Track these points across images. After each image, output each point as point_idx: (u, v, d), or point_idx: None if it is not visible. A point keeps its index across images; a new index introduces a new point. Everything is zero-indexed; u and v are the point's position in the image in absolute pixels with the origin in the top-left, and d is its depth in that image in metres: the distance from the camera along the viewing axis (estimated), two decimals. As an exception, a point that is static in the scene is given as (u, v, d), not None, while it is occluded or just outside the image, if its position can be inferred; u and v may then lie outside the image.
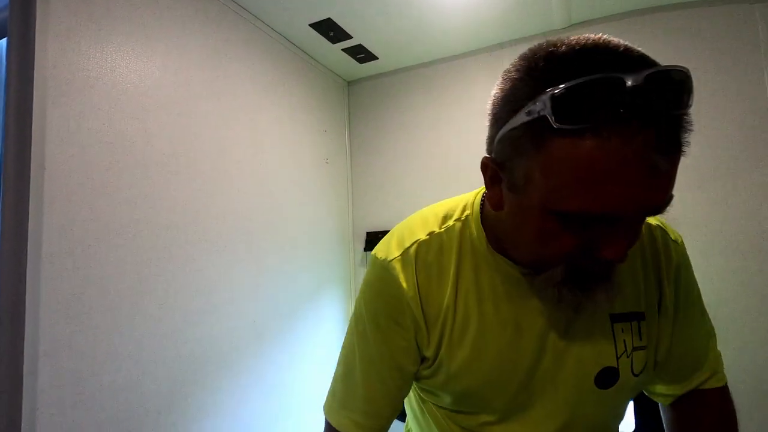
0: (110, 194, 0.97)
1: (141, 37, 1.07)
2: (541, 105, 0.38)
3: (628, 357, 0.56)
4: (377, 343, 0.60)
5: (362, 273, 1.95)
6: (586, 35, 0.41)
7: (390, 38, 1.66)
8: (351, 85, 2.06)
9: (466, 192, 0.65)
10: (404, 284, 0.57)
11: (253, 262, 1.39)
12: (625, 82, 0.35)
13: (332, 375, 0.67)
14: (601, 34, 0.41)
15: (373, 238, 1.91)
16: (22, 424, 0.78)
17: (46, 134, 0.85)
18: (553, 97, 0.37)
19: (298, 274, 1.61)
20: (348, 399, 0.62)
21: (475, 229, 0.58)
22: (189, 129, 1.19)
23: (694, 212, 1.39)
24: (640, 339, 0.57)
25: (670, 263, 0.59)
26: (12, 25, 0.83)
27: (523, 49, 0.46)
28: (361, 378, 0.61)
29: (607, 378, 0.56)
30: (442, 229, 0.60)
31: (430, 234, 0.60)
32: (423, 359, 0.61)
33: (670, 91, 0.37)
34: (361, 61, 1.83)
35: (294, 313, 1.57)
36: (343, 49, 1.73)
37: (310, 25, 1.53)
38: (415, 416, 0.74)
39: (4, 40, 0.87)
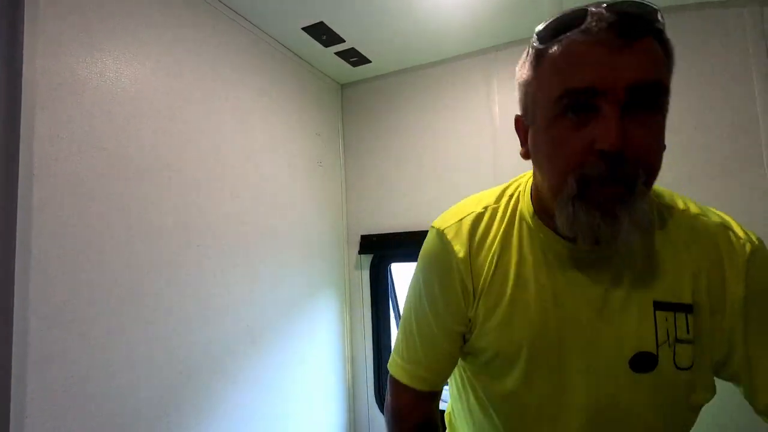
0: (101, 199, 0.96)
1: (132, 42, 1.07)
2: (533, 39, 0.53)
3: (670, 347, 0.54)
4: (432, 311, 0.67)
5: (357, 276, 1.95)
6: None
7: (383, 41, 1.66)
8: (344, 88, 2.06)
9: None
10: (455, 248, 0.63)
11: (247, 265, 1.38)
12: (588, 10, 0.47)
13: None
14: None
15: (367, 242, 1.89)
16: (10, 432, 0.77)
17: (35, 140, 0.84)
18: (537, 31, 0.53)
19: (292, 277, 1.61)
20: (411, 358, 0.70)
21: (525, 201, 0.64)
22: (181, 133, 1.18)
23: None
24: (688, 332, 0.54)
25: (734, 258, 0.56)
26: (-1, 30, 0.83)
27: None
28: (419, 341, 0.70)
29: (643, 363, 0.55)
30: (497, 204, 0.67)
31: (485, 207, 0.67)
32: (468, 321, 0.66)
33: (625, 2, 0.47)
34: (354, 64, 1.84)
35: (289, 316, 1.57)
36: (335, 53, 1.73)
37: (302, 28, 1.53)
38: (455, 400, 0.81)
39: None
